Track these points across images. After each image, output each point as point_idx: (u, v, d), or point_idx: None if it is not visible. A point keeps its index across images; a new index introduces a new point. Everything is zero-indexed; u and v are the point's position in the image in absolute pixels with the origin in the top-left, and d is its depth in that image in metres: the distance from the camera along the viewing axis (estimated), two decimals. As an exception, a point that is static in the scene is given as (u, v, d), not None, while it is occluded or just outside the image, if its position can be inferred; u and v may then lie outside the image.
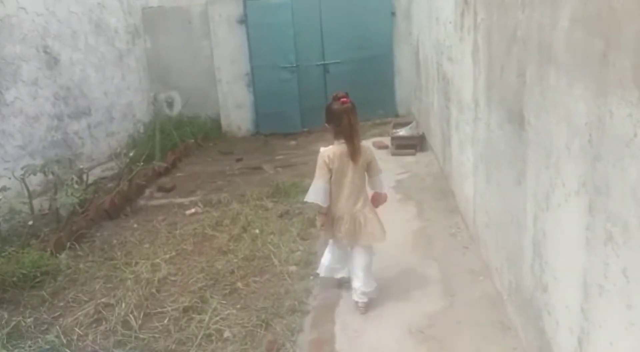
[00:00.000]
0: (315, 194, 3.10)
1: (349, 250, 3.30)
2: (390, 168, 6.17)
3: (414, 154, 6.73)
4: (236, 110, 8.98)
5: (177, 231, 4.93)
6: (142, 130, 8.39)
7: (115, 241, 4.87)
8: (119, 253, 4.54)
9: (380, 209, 3.37)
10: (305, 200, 3.23)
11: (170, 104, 9.20)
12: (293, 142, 8.48)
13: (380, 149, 7.14)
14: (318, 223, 3.36)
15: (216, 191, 6.12)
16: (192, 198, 5.93)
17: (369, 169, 3.20)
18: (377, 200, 3.33)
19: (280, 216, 5.08)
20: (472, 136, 3.86)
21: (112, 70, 7.81)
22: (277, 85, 8.80)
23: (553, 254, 2.17)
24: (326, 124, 3.15)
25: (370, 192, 3.31)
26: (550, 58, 2.07)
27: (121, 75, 8.07)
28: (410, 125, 7.23)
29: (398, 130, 7.16)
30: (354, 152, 3.04)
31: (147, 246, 4.71)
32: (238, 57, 8.80)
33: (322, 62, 9.03)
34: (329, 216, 3.19)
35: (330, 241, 3.38)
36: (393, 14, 9.11)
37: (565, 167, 1.97)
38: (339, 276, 3.48)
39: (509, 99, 2.74)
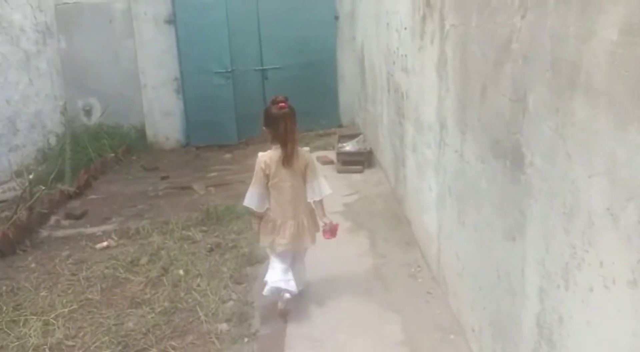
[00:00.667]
0: (250, 199, 3.14)
1: (289, 259, 3.21)
2: (337, 187, 5.49)
3: (361, 171, 6.14)
4: (163, 118, 8.09)
5: (83, 273, 4.06)
6: (54, 143, 7.34)
7: (4, 288, 3.94)
8: (4, 306, 3.63)
9: (329, 242, 3.28)
10: (244, 204, 3.22)
11: (88, 112, 8.17)
12: (228, 156, 7.69)
13: (326, 165, 6.50)
14: (254, 226, 3.31)
15: (135, 217, 5.26)
16: (106, 227, 5.05)
17: (307, 173, 3.13)
18: (326, 230, 3.24)
19: (210, 250, 4.32)
20: (435, 162, 3.27)
21: (16, 75, 6.75)
22: (210, 92, 7.98)
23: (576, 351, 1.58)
24: (264, 128, 3.11)
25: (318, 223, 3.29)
26: (578, 83, 1.47)
27: (28, 79, 7.00)
28: (357, 138, 6.64)
29: (344, 144, 6.55)
30: (287, 158, 3.01)
31: (43, 293, 3.81)
32: (166, 60, 7.91)
33: (260, 68, 8.30)
34: (266, 222, 3.17)
35: (272, 257, 3.25)
36: (336, 17, 8.51)
37: (606, 241, 1.37)
38: (285, 295, 3.16)
39: (496, 128, 2.15)
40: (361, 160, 6.24)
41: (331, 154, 6.84)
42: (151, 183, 6.31)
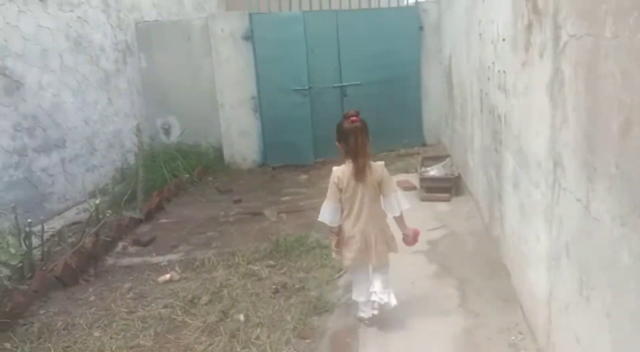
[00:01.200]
0: (323, 213, 3.15)
1: (366, 274, 3.24)
2: (420, 219, 4.91)
3: (448, 200, 5.48)
4: (240, 138, 7.85)
5: (140, 312, 3.76)
6: (132, 162, 7.29)
7: (60, 323, 3.72)
8: (53, 348, 3.38)
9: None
10: (319, 219, 3.19)
11: (167, 131, 8.12)
12: (304, 177, 7.30)
13: (407, 191, 5.91)
14: (331, 244, 3.29)
15: (203, 246, 4.95)
16: (172, 256, 4.77)
17: (382, 188, 3.10)
18: (408, 240, 3.29)
19: (276, 291, 3.87)
20: (546, 209, 2.61)
21: (96, 94, 6.76)
22: (287, 111, 7.65)
23: None
24: (337, 143, 3.12)
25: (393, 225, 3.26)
26: None
27: (107, 99, 7.02)
28: (443, 162, 5.98)
29: (428, 168, 5.92)
30: (358, 172, 3.01)
31: (97, 334, 3.54)
32: (243, 78, 7.68)
33: (339, 84, 7.88)
34: (341, 236, 3.18)
35: (352, 274, 3.34)
36: (421, 28, 7.94)
37: None
38: (364, 314, 3.28)
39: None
40: (448, 187, 5.58)
41: (413, 178, 6.23)
42: (223, 207, 6.02)
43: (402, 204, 3.17)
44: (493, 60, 3.87)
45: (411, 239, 3.27)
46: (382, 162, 3.20)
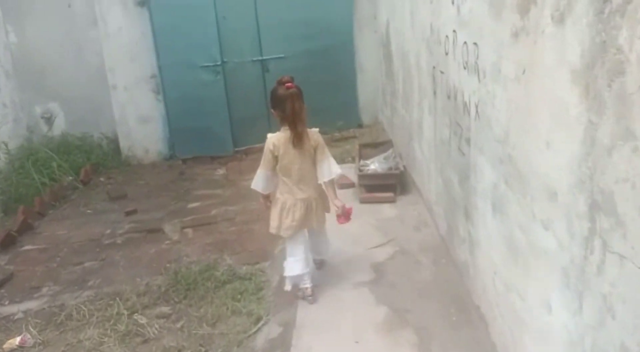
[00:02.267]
0: (257, 182, 3.09)
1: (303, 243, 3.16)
2: (362, 230, 3.91)
3: (393, 200, 4.47)
4: (140, 126, 6.49)
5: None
6: (4, 163, 5.77)
7: None
8: None
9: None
10: (252, 187, 3.13)
11: (49, 120, 6.62)
12: (220, 172, 6.08)
13: (344, 189, 4.86)
14: (264, 206, 3.20)
15: (75, 284, 3.70)
16: (30, 304, 3.51)
17: (317, 154, 3.06)
18: (340, 217, 3.18)
19: (167, 364, 2.75)
20: (567, 267, 1.61)
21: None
22: (196, 91, 6.34)
23: None
24: (271, 110, 3.04)
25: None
26: None
27: (-41, 84, 5.45)
28: (385, 154, 4.95)
29: (367, 161, 4.87)
30: (296, 137, 2.94)
31: None
32: (139, 53, 6.27)
33: (259, 58, 6.63)
34: (275, 205, 3.09)
35: (287, 244, 3.19)
36: (353, -10, 6.80)
37: None
38: (307, 284, 3.15)
39: None
40: (392, 185, 4.57)
41: (351, 172, 5.18)
42: (112, 221, 4.73)
43: (334, 169, 3.11)
44: (454, 28, 2.81)
45: (343, 214, 3.15)
46: (317, 129, 3.12)
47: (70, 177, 5.61)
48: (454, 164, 3.06)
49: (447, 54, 3.04)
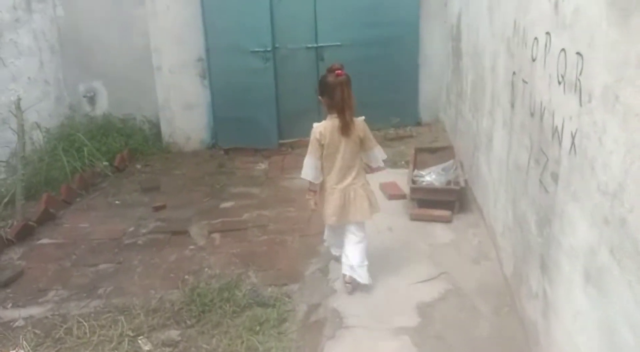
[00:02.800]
0: (307, 170, 3.04)
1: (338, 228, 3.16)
2: (410, 256, 3.36)
3: (449, 220, 3.87)
4: (184, 112, 6.11)
5: None
6: (43, 143, 5.54)
7: None
8: None
9: None
10: (301, 176, 3.09)
11: (92, 100, 6.36)
12: (262, 166, 5.63)
13: (394, 200, 4.30)
14: (310, 202, 3.15)
15: (85, 291, 3.34)
16: (34, 310, 3.18)
17: (363, 143, 3.04)
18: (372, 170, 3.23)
19: None
20: None
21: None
22: (244, 78, 5.88)
23: None
24: (319, 97, 3.00)
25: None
26: None
27: (-1, 59, 5.22)
28: (444, 164, 4.32)
29: (423, 172, 4.26)
30: (345, 126, 2.91)
31: None
32: (187, 34, 5.87)
33: (314, 45, 6.10)
34: (320, 194, 3.09)
35: (329, 231, 3.29)
36: (421, -26, 6.13)
37: None
38: (336, 252, 3.34)
39: None
40: (450, 202, 3.96)
41: (403, 180, 4.59)
42: (138, 217, 4.38)
43: (380, 157, 3.17)
44: (548, 30, 2.18)
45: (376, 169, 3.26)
46: (362, 117, 3.06)
47: (105, 163, 5.31)
48: (532, 200, 2.44)
49: (534, 60, 2.41)
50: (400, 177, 4.75)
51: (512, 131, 2.88)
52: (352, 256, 3.05)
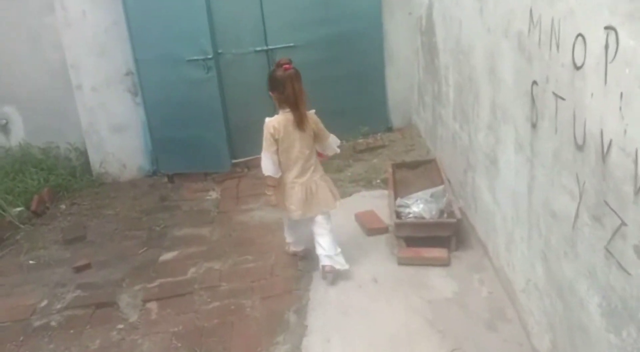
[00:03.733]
0: (267, 166, 3.00)
1: (302, 221, 3.14)
2: (403, 324, 2.58)
3: (446, 263, 3.11)
4: (114, 136, 5.15)
5: None
6: None
7: None
8: None
9: None
10: (264, 173, 3.04)
11: (4, 128, 5.34)
12: (213, 195, 4.76)
13: (374, 236, 3.52)
14: (271, 198, 3.13)
15: None
16: None
17: (317, 135, 3.07)
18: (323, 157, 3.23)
19: None
20: None
21: None
22: (183, 91, 4.96)
23: None
24: (270, 93, 3.02)
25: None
26: None
27: None
28: (433, 191, 3.52)
29: (409, 201, 3.46)
30: (300, 120, 2.93)
31: None
32: (110, 45, 4.92)
33: (264, 48, 5.25)
34: (279, 188, 3.08)
35: (285, 226, 3.31)
36: (381, -40, 5.36)
37: None
38: (297, 248, 3.38)
39: None
40: (445, 239, 3.20)
41: (380, 206, 3.81)
42: (56, 282, 3.44)
43: (335, 144, 3.21)
44: (612, 23, 1.40)
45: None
46: (314, 110, 3.05)
47: (18, 209, 4.33)
48: (589, 272, 1.67)
49: (578, 68, 1.64)
50: (378, 202, 3.98)
51: (535, 160, 2.12)
52: (328, 246, 3.04)
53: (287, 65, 2.91)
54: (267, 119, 2.98)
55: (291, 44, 5.27)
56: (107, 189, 5.05)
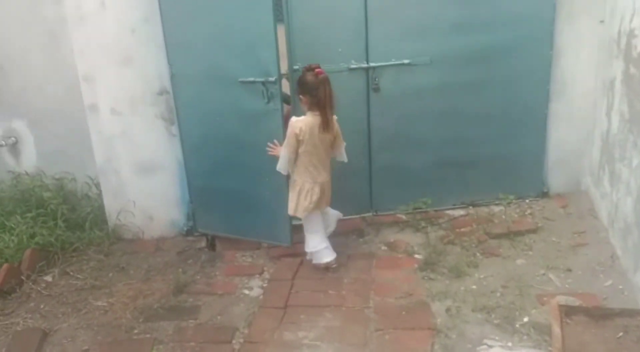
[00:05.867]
0: (283, 164, 3.09)
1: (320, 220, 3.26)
2: None
3: None
4: (140, 177, 3.67)
5: None
6: None
7: None
8: None
9: None
10: (277, 169, 3.10)
11: (13, 148, 4.10)
12: (254, 288, 3.13)
13: None
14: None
15: None
16: None
17: (335, 140, 3.14)
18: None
19: None
20: None
21: None
22: (234, 125, 3.34)
23: None
24: (300, 96, 3.04)
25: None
26: None
27: None
28: None
29: None
30: (326, 123, 2.99)
31: None
32: (138, 50, 3.41)
33: (363, 65, 3.49)
34: (293, 187, 3.14)
35: (305, 223, 3.23)
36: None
37: None
38: (332, 256, 3.26)
39: None
40: None
41: None
42: None
43: (344, 155, 3.26)
44: None
45: None
46: (336, 117, 3.07)
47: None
48: None
49: None
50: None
51: None
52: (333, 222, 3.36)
53: (319, 70, 2.94)
54: (294, 119, 3.00)
55: (405, 61, 3.49)
56: (121, 251, 3.63)
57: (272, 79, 3.07)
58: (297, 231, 3.39)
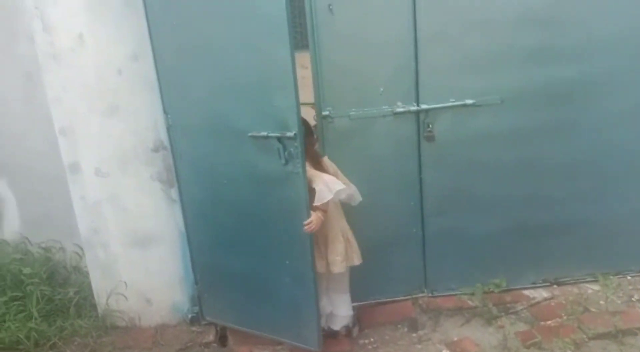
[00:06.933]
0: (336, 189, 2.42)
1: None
2: None
3: None
4: (133, 252, 2.95)
5: None
6: None
7: None
8: None
9: None
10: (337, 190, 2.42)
11: (-6, 212, 3.47)
12: None
13: None
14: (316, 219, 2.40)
15: None
16: None
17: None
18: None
19: None
20: None
21: None
22: (245, 190, 2.58)
23: None
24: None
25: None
26: None
27: None
28: None
29: None
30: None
31: None
32: (127, 95, 2.71)
33: (413, 107, 2.70)
34: (322, 239, 2.57)
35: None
36: None
37: None
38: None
39: None
40: None
41: None
42: None
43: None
44: None
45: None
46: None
47: None
48: None
49: None
50: None
51: None
52: (349, 306, 2.79)
53: None
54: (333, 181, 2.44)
55: (468, 102, 2.71)
56: (111, 345, 2.87)
57: (290, 134, 2.29)
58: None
